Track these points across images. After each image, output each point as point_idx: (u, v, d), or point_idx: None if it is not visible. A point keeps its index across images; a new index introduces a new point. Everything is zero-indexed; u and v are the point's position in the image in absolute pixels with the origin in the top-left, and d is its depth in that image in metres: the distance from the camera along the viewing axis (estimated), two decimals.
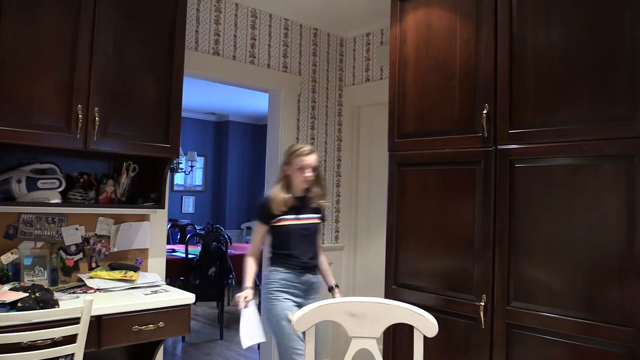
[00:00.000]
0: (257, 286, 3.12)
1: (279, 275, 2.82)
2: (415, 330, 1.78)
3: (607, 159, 2.01)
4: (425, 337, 1.91)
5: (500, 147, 2.30)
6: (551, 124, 2.15)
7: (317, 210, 2.94)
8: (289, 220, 2.83)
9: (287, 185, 2.87)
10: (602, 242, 2.00)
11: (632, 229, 1.92)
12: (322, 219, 3.01)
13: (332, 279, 3.02)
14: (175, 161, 7.14)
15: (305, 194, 2.90)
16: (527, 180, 2.22)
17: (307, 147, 2.88)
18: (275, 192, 2.85)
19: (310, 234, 2.90)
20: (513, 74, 2.27)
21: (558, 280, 2.11)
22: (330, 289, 2.99)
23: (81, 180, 2.75)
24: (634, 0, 1.96)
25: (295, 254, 2.82)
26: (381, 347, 2.21)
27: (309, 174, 2.82)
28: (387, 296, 2.61)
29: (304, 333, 1.77)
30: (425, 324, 1.87)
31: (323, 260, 3.03)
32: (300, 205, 2.88)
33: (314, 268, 2.92)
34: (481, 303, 2.30)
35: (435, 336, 1.89)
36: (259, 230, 2.91)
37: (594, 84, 2.05)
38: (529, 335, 2.17)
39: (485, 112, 2.33)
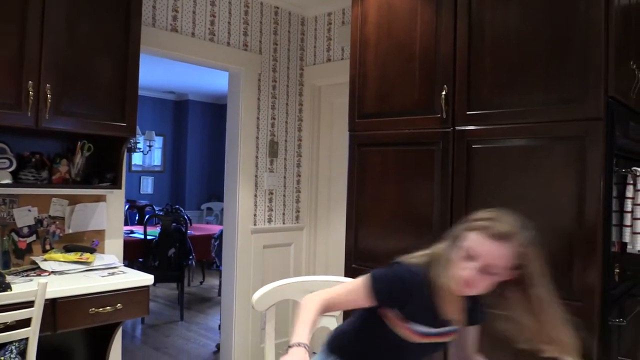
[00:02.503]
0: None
1: None
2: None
3: (559, 141, 2.08)
4: None
5: (458, 128, 2.34)
6: (507, 105, 2.20)
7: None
8: (419, 333, 1.50)
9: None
10: (554, 221, 2.07)
11: (582, 208, 2.00)
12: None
13: None
14: (132, 141, 6.98)
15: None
16: (483, 161, 2.27)
17: (503, 223, 1.44)
18: (447, 272, 1.46)
19: (433, 351, 1.63)
20: (471, 56, 2.31)
21: None
22: None
23: (33, 159, 2.65)
24: None
25: None
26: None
27: (473, 275, 1.41)
28: (347, 275, 2.64)
29: None
30: None
31: None
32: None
33: None
34: None
35: None
36: (362, 297, 1.50)
37: (548, 67, 2.10)
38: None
39: (444, 93, 2.36)
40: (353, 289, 1.52)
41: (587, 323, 1.97)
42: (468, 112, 2.31)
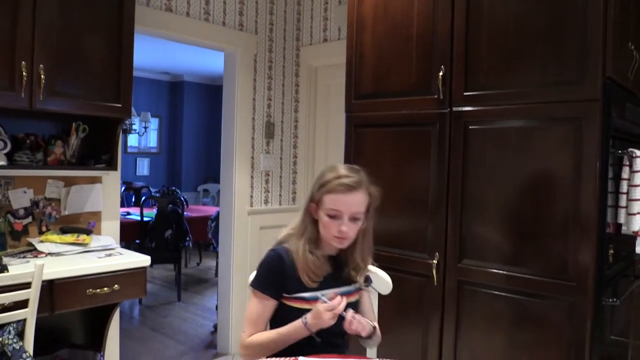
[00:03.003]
0: None
1: None
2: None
3: (556, 122, 2.07)
4: (379, 295, 1.96)
5: (455, 109, 2.33)
6: (504, 86, 2.20)
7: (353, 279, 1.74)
8: (314, 302, 1.60)
9: (315, 235, 1.68)
10: (549, 202, 2.08)
11: (578, 190, 2.00)
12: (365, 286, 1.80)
13: None
14: (128, 122, 6.94)
15: (340, 253, 1.73)
16: (480, 142, 2.27)
17: (347, 175, 1.63)
18: (298, 247, 1.65)
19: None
20: (469, 37, 2.29)
21: (507, 238, 2.19)
22: None
23: (28, 141, 2.63)
24: None
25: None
26: None
27: (344, 227, 1.60)
28: None
29: None
30: (380, 282, 1.92)
31: None
32: (334, 272, 1.71)
33: None
34: (434, 261, 2.37)
35: (389, 293, 1.96)
36: (262, 306, 1.64)
37: (546, 48, 2.09)
38: (478, 291, 2.26)
39: (441, 74, 2.35)
40: (252, 304, 1.67)
41: (581, 303, 1.99)
42: (465, 93, 2.30)
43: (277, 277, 1.64)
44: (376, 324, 1.74)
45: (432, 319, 2.39)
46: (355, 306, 1.71)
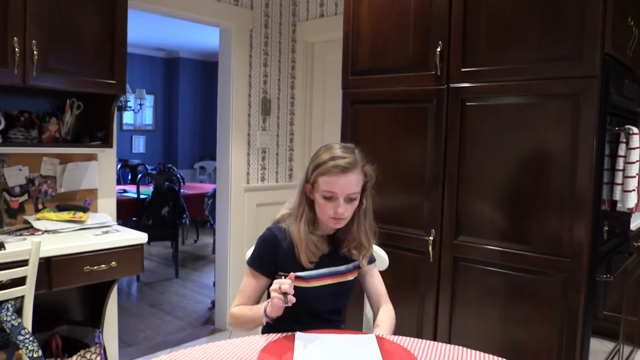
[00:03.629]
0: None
1: None
2: None
3: (553, 98, 2.06)
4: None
5: (452, 85, 2.32)
6: (502, 62, 2.18)
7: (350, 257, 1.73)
8: (311, 280, 1.65)
9: (313, 217, 1.68)
10: (546, 179, 2.08)
11: (574, 167, 2.01)
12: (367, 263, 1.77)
13: None
14: (123, 99, 6.89)
15: (337, 231, 1.72)
16: (477, 119, 2.26)
17: (342, 157, 1.60)
18: (299, 230, 1.64)
19: (341, 296, 1.74)
20: (467, 12, 2.26)
21: (503, 215, 2.20)
22: None
23: (22, 118, 2.61)
24: None
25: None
26: None
27: (340, 209, 1.59)
28: None
29: None
30: (377, 258, 1.93)
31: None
32: (331, 251, 1.70)
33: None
34: (430, 238, 2.39)
35: (386, 269, 1.97)
36: (254, 282, 1.67)
37: (544, 23, 2.06)
38: (473, 267, 2.28)
39: (438, 49, 2.33)
40: (246, 279, 1.69)
41: (575, 278, 2.01)
42: (463, 69, 2.28)
43: (270, 256, 1.66)
44: (387, 301, 1.80)
45: (428, 294, 2.41)
46: (352, 285, 1.74)
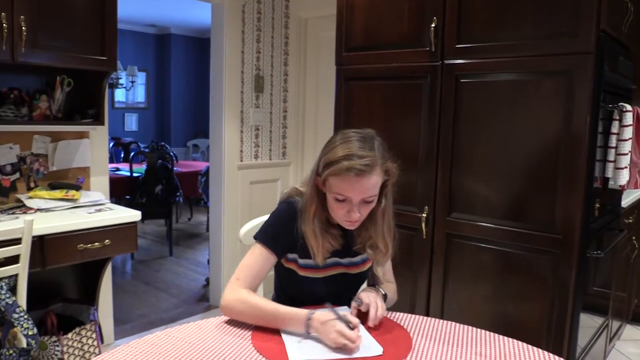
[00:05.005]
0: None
1: None
2: None
3: (548, 75, 2.05)
4: None
5: (447, 61, 2.30)
6: (497, 39, 2.16)
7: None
8: (324, 270, 1.55)
9: (326, 215, 1.52)
10: (539, 156, 2.09)
11: (567, 144, 2.01)
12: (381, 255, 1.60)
13: None
14: (114, 76, 6.82)
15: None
16: (471, 96, 2.25)
17: (359, 154, 1.40)
18: (309, 228, 1.49)
19: (352, 287, 1.64)
20: None
21: (496, 192, 2.21)
22: None
23: (12, 96, 2.58)
24: None
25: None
26: None
27: (354, 214, 1.43)
28: None
29: None
30: None
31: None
32: (344, 244, 1.56)
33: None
34: (423, 214, 2.40)
35: None
36: (265, 260, 1.52)
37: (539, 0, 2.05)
38: (466, 244, 2.30)
39: (433, 25, 2.30)
40: (254, 255, 1.52)
41: (566, 255, 2.03)
42: (457, 46, 2.26)
43: (288, 232, 1.50)
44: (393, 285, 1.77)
45: (421, 271, 2.43)
46: (364, 275, 1.65)
